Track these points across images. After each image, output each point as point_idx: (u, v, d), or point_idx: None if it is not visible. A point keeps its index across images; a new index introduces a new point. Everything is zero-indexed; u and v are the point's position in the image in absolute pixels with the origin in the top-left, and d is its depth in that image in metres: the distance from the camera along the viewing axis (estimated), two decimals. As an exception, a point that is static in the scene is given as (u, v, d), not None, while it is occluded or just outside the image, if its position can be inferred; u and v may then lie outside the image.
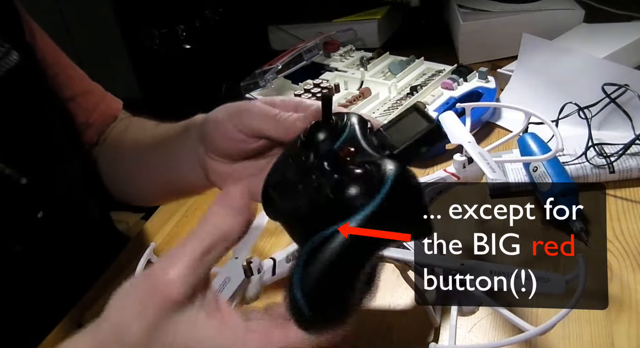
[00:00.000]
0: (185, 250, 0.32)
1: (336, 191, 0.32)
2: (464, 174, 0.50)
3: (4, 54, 0.53)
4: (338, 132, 0.37)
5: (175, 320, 0.31)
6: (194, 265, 0.32)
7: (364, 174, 0.32)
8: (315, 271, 0.30)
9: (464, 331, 0.49)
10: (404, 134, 0.36)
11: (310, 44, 0.92)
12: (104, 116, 0.67)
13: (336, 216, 0.31)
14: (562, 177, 0.60)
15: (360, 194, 0.31)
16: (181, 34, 0.91)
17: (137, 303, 0.31)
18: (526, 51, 0.83)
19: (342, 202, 0.31)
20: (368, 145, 0.36)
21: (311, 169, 0.35)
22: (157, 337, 0.31)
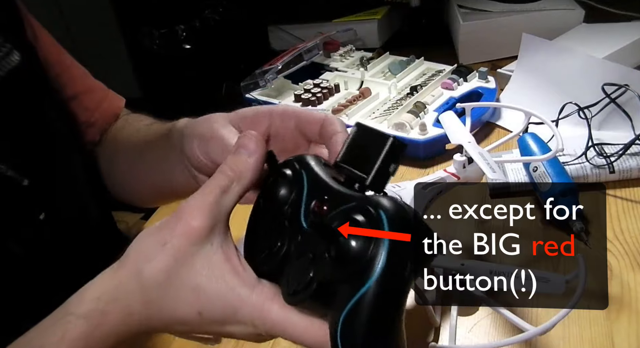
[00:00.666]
0: (204, 189, 0.34)
1: (337, 256, 0.30)
2: (464, 174, 0.50)
3: (5, 54, 0.53)
4: (297, 182, 0.35)
5: (193, 253, 0.32)
6: (213, 201, 0.34)
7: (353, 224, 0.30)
8: (362, 338, 0.29)
9: (464, 331, 0.49)
10: (366, 159, 0.34)
11: (310, 44, 0.92)
12: (106, 115, 0.67)
13: (349, 275, 0.30)
14: (562, 177, 0.60)
15: (363, 246, 0.30)
16: (181, 34, 0.91)
17: (159, 237, 0.33)
18: (526, 51, 0.83)
19: (350, 264, 0.30)
20: (336, 185, 0.34)
21: (294, 235, 0.34)
22: (174, 270, 0.32)
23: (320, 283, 0.31)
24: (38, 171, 0.56)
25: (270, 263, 0.34)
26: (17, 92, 0.54)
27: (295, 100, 0.85)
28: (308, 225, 0.34)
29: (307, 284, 0.31)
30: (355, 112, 0.79)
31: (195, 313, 0.33)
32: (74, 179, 0.63)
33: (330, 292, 0.31)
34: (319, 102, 0.83)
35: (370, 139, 0.35)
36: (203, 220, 0.33)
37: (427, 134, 0.73)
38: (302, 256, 0.33)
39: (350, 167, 0.34)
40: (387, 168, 0.33)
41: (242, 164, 0.36)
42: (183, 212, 0.33)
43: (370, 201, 0.31)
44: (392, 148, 0.33)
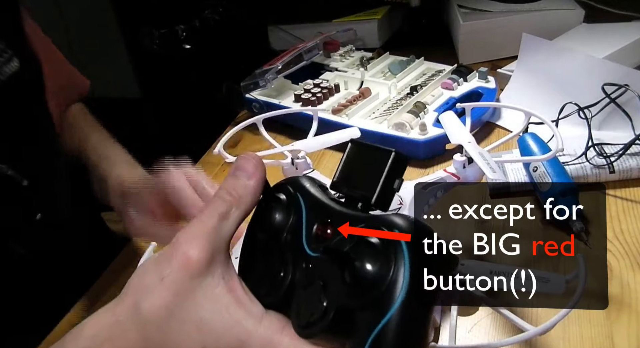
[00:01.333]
0: (201, 217, 0.32)
1: (353, 282, 0.28)
2: (464, 174, 0.50)
3: (6, 60, 0.54)
4: (294, 207, 0.33)
5: (194, 287, 0.31)
6: (212, 229, 0.32)
7: (366, 249, 0.28)
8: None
9: (464, 331, 0.49)
10: (366, 177, 0.32)
11: (310, 44, 0.92)
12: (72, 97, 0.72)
13: (368, 302, 0.28)
14: (562, 177, 0.60)
15: (380, 270, 0.28)
16: (181, 34, 0.91)
17: (157, 271, 0.31)
18: (526, 50, 0.83)
19: (369, 290, 0.28)
20: (337, 206, 0.32)
21: (298, 263, 0.32)
22: (174, 304, 0.31)
23: (338, 312, 0.29)
24: (36, 172, 0.57)
25: (275, 295, 0.32)
26: (16, 97, 0.55)
27: (295, 100, 0.85)
28: (312, 251, 0.31)
29: (322, 314, 0.29)
30: (355, 112, 0.79)
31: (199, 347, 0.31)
32: (67, 180, 0.64)
33: (347, 321, 0.29)
34: (319, 102, 0.83)
35: (369, 155, 0.33)
36: (201, 251, 0.31)
37: (427, 134, 0.73)
38: (311, 285, 0.31)
39: (350, 187, 0.32)
40: (391, 184, 0.32)
41: (241, 188, 0.33)
42: (180, 243, 0.31)
43: (383, 221, 0.29)
44: (395, 162, 0.32)
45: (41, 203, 0.58)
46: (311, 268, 0.31)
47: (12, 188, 0.54)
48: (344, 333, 0.29)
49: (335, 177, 0.34)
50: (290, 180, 0.35)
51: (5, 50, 0.54)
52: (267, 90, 0.88)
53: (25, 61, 0.57)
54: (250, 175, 0.34)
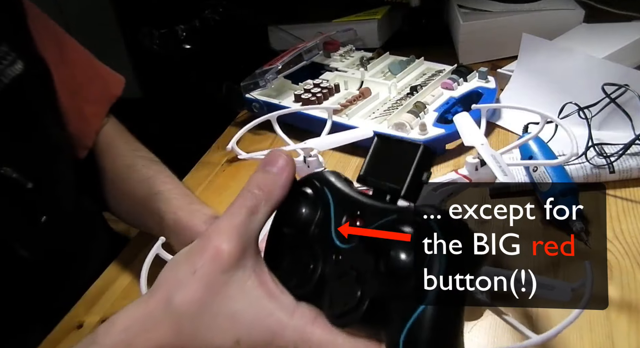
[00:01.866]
0: (231, 210, 0.33)
1: (389, 271, 0.29)
2: (476, 176, 0.50)
3: (10, 63, 0.54)
4: (321, 200, 0.33)
5: (226, 280, 0.31)
6: (241, 222, 0.32)
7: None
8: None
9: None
10: (394, 170, 0.32)
11: (310, 44, 0.92)
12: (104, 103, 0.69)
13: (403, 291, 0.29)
14: (562, 177, 0.60)
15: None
16: (181, 34, 0.91)
17: (188, 265, 0.31)
18: (526, 51, 0.83)
19: (405, 279, 0.28)
20: (366, 199, 0.33)
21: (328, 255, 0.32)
22: (206, 298, 0.31)
23: (372, 301, 0.29)
24: (41, 174, 0.57)
25: (305, 288, 0.33)
26: (20, 99, 0.55)
27: (295, 100, 0.84)
28: (342, 243, 0.32)
29: (356, 304, 0.30)
30: (355, 112, 0.79)
31: (233, 341, 0.31)
32: (71, 182, 0.64)
33: (382, 310, 0.29)
34: (318, 102, 0.83)
35: (396, 149, 0.33)
36: (233, 244, 0.31)
37: (427, 134, 0.73)
38: (344, 276, 0.31)
39: (378, 179, 0.33)
40: (419, 177, 0.32)
41: (271, 183, 0.34)
42: (211, 236, 0.32)
43: (416, 212, 0.30)
44: (424, 156, 0.32)
45: (46, 206, 0.58)
46: (341, 259, 0.32)
47: (16, 191, 0.54)
48: (377, 323, 0.30)
49: (362, 171, 0.34)
50: (315, 175, 0.35)
51: (9, 52, 0.54)
52: (267, 90, 0.88)
53: (30, 63, 0.57)
54: (280, 170, 0.34)
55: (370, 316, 0.30)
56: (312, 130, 0.71)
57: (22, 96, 0.56)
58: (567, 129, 0.48)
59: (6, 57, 0.54)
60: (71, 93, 0.64)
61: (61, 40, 0.65)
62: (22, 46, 0.57)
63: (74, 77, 0.65)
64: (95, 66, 0.70)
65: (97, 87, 0.68)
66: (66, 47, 0.65)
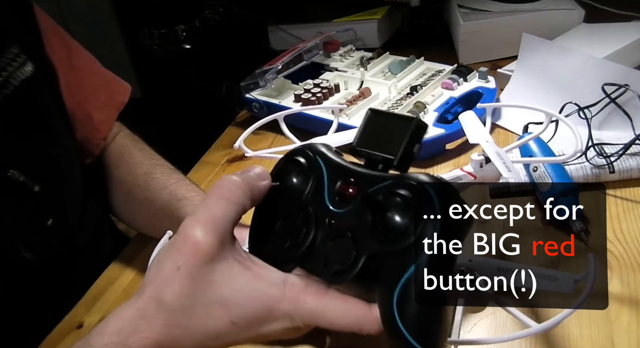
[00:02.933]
0: (209, 203, 0.34)
1: (386, 230, 0.30)
2: (481, 173, 0.50)
3: (20, 65, 0.54)
4: (313, 169, 0.35)
5: (210, 270, 0.32)
6: (219, 215, 0.33)
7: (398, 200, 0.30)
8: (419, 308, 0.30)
9: (464, 331, 0.49)
10: (387, 141, 0.34)
11: (310, 44, 0.92)
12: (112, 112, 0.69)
13: (398, 250, 0.30)
14: (562, 177, 0.60)
15: (412, 220, 0.30)
16: (181, 34, 0.91)
17: (172, 261, 0.32)
18: (526, 51, 0.83)
19: (401, 238, 0.30)
20: (358, 167, 0.34)
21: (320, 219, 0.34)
22: (194, 290, 0.32)
23: (367, 260, 0.31)
24: (47, 177, 0.57)
25: (298, 251, 0.34)
26: (29, 102, 0.55)
27: (295, 100, 0.85)
28: (336, 207, 0.33)
29: (353, 261, 0.31)
30: (356, 112, 0.79)
31: (228, 323, 0.32)
32: (78, 185, 0.64)
33: (376, 269, 0.31)
34: (318, 102, 0.83)
35: (389, 122, 0.35)
36: (210, 237, 0.32)
37: (427, 134, 0.73)
38: (338, 238, 0.33)
39: (371, 149, 0.34)
40: (411, 149, 0.34)
41: (251, 179, 0.35)
42: (189, 230, 0.33)
43: (410, 178, 0.31)
44: (417, 128, 0.34)
45: (52, 209, 0.58)
46: (335, 223, 0.33)
47: (23, 194, 0.54)
48: (371, 282, 0.31)
49: (354, 142, 0.35)
50: (307, 145, 0.37)
51: (19, 54, 0.54)
52: (267, 90, 0.88)
53: (40, 66, 0.57)
54: (259, 174, 0.36)
55: (365, 274, 0.31)
56: (312, 130, 0.71)
57: (31, 98, 0.56)
58: (572, 127, 0.49)
59: (16, 59, 0.54)
60: (79, 99, 0.64)
61: (69, 45, 0.65)
62: (32, 48, 0.57)
63: (81, 83, 0.65)
64: (102, 72, 0.70)
65: (105, 94, 0.68)
66: (73, 53, 0.65)
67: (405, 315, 0.30)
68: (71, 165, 0.63)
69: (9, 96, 0.52)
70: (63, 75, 0.62)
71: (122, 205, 0.67)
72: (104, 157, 0.67)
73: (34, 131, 0.56)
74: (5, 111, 0.52)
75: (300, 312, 0.33)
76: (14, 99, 0.53)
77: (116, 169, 0.66)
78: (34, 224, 0.57)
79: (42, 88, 0.57)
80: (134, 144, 0.69)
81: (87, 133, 0.65)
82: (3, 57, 0.53)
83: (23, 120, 0.55)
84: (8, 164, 0.53)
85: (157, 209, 0.61)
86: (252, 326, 0.33)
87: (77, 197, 0.64)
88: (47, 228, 0.57)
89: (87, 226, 0.66)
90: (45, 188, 0.56)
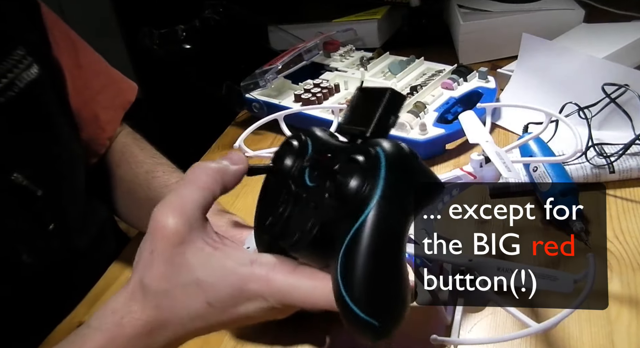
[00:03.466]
0: (181, 190, 0.35)
1: (337, 194, 0.30)
2: (481, 173, 0.50)
3: (26, 67, 0.54)
4: (302, 149, 0.36)
5: (181, 253, 0.33)
6: (188, 201, 0.34)
7: (352, 165, 0.31)
8: (362, 272, 0.28)
9: (464, 331, 0.49)
10: (366, 115, 0.34)
11: (310, 44, 0.92)
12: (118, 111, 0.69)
13: (347, 213, 0.30)
14: (562, 177, 0.60)
15: (361, 182, 0.30)
16: (181, 34, 0.91)
17: (147, 246, 0.34)
18: (526, 51, 0.83)
19: (349, 201, 0.30)
20: (339, 143, 0.35)
21: (299, 195, 0.34)
22: (170, 273, 0.33)
23: (322, 227, 0.31)
24: (51, 181, 0.57)
25: (276, 227, 0.35)
26: (34, 104, 0.55)
27: (295, 100, 0.85)
28: (311, 182, 0.34)
29: (309, 229, 0.31)
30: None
31: (205, 304, 0.33)
32: (81, 189, 0.64)
33: (331, 234, 0.30)
34: (319, 102, 0.83)
35: (371, 97, 0.35)
36: (177, 220, 0.33)
37: (427, 134, 0.73)
38: (304, 209, 0.33)
39: (351, 125, 0.35)
40: (387, 120, 0.34)
41: (224, 168, 0.37)
42: (157, 216, 0.34)
43: (370, 143, 0.31)
44: (391, 99, 0.34)
45: (55, 214, 0.58)
46: (308, 197, 0.34)
47: (26, 198, 0.54)
48: (328, 250, 0.31)
49: (341, 120, 0.36)
50: (304, 130, 0.38)
51: (25, 56, 0.54)
52: (267, 90, 0.88)
53: (46, 68, 0.57)
54: (234, 162, 0.37)
55: (321, 241, 0.31)
56: (312, 130, 0.71)
57: (36, 101, 0.56)
58: (572, 127, 0.49)
59: (22, 61, 0.54)
60: (86, 99, 0.64)
61: (76, 44, 0.65)
62: (38, 49, 0.57)
63: (88, 82, 0.65)
64: (108, 70, 0.69)
65: (112, 93, 0.68)
66: (81, 52, 0.65)
67: (350, 283, 0.28)
68: (75, 169, 0.62)
69: (13, 98, 0.52)
70: (70, 74, 0.62)
71: (123, 204, 0.67)
72: (105, 155, 0.67)
73: (38, 134, 0.56)
74: (9, 113, 0.52)
75: (271, 291, 0.33)
76: (19, 102, 0.53)
77: (117, 167, 0.66)
78: (37, 228, 0.57)
79: (47, 91, 0.57)
80: (135, 143, 0.69)
81: (92, 132, 0.65)
82: (9, 59, 0.52)
83: (27, 123, 0.55)
84: (12, 167, 0.53)
85: None
86: (227, 307, 0.33)
87: (79, 201, 0.64)
88: (49, 232, 0.57)
89: (89, 230, 0.66)
90: (48, 192, 0.56)
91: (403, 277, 0.29)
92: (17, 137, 0.54)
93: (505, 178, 0.63)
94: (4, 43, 0.53)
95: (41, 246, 0.57)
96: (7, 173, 0.52)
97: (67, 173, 0.61)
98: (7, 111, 0.52)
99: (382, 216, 0.29)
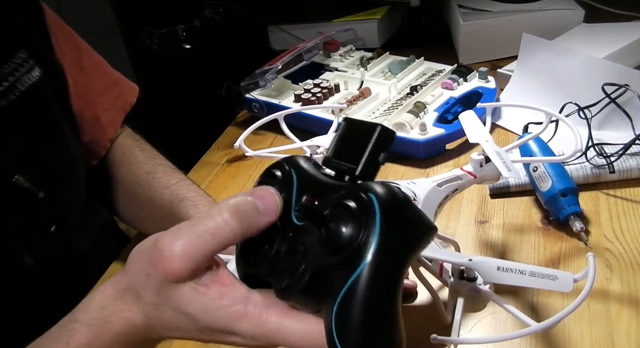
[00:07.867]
0: (197, 231, 0.32)
1: (329, 243, 0.29)
2: (481, 173, 0.50)
3: (28, 70, 0.54)
4: (287, 182, 0.34)
5: (177, 289, 0.32)
6: (195, 249, 0.32)
7: (344, 211, 0.29)
8: (358, 324, 0.27)
9: (464, 331, 0.49)
10: (355, 151, 0.33)
11: (310, 44, 0.92)
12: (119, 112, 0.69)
13: (341, 262, 0.28)
14: (562, 177, 0.60)
15: (355, 232, 0.28)
16: (181, 34, 0.91)
17: (145, 265, 0.33)
18: (526, 51, 0.83)
19: (342, 251, 0.29)
20: (327, 179, 0.33)
21: (286, 233, 0.33)
22: (162, 300, 0.32)
23: (313, 274, 0.30)
24: (52, 183, 0.57)
25: (262, 265, 0.33)
26: (36, 107, 0.55)
27: (295, 100, 0.85)
28: (299, 220, 0.32)
29: (300, 275, 0.30)
30: (355, 112, 0.79)
31: (196, 330, 0.33)
32: (82, 192, 0.64)
33: (324, 283, 0.29)
34: (319, 102, 0.83)
35: (359, 131, 0.34)
36: (184, 265, 0.31)
37: (427, 134, 0.73)
38: (292, 252, 0.32)
39: (339, 161, 0.33)
40: (376, 157, 0.32)
41: (254, 221, 0.33)
42: (165, 247, 0.32)
43: (361, 187, 0.30)
44: (381, 137, 0.32)
45: (56, 216, 0.58)
46: (295, 237, 0.32)
47: (28, 201, 0.54)
48: (320, 296, 0.30)
49: (327, 153, 0.35)
50: (287, 158, 0.36)
51: (27, 59, 0.54)
52: (267, 90, 0.88)
53: (48, 70, 0.56)
54: (268, 212, 0.33)
55: (312, 289, 0.30)
56: (312, 130, 0.71)
57: (38, 104, 0.56)
58: (572, 127, 0.48)
59: (24, 64, 0.53)
60: (87, 101, 0.64)
61: (79, 46, 0.65)
62: (41, 51, 0.57)
63: (90, 85, 0.65)
64: (110, 72, 0.69)
65: (113, 95, 0.68)
66: (83, 55, 0.65)
67: (344, 334, 0.28)
68: (76, 171, 0.62)
69: (15, 101, 0.52)
70: (72, 77, 0.62)
71: (124, 204, 0.67)
72: (106, 156, 0.67)
73: (39, 137, 0.56)
74: (11, 116, 0.52)
75: (261, 331, 0.32)
76: (20, 105, 0.53)
77: (118, 168, 0.66)
78: (38, 230, 0.57)
79: (49, 94, 0.57)
80: (136, 144, 0.69)
81: (93, 134, 0.65)
82: (11, 62, 0.52)
83: (28, 125, 0.55)
84: (13, 169, 0.53)
85: (158, 208, 0.61)
86: (216, 334, 0.33)
87: (80, 202, 0.64)
88: (50, 234, 0.57)
89: (89, 231, 0.66)
90: (49, 194, 0.56)
91: (398, 325, 0.29)
92: (18, 139, 0.54)
93: (505, 178, 0.63)
94: (6, 46, 0.53)
95: (42, 248, 0.57)
96: (9, 175, 0.52)
97: (68, 175, 0.61)
98: (9, 114, 0.52)
99: (379, 268, 0.28)
